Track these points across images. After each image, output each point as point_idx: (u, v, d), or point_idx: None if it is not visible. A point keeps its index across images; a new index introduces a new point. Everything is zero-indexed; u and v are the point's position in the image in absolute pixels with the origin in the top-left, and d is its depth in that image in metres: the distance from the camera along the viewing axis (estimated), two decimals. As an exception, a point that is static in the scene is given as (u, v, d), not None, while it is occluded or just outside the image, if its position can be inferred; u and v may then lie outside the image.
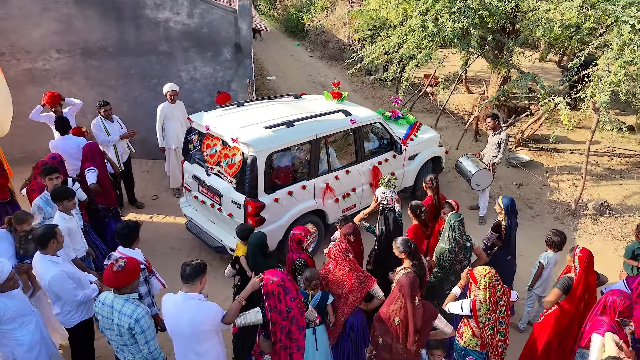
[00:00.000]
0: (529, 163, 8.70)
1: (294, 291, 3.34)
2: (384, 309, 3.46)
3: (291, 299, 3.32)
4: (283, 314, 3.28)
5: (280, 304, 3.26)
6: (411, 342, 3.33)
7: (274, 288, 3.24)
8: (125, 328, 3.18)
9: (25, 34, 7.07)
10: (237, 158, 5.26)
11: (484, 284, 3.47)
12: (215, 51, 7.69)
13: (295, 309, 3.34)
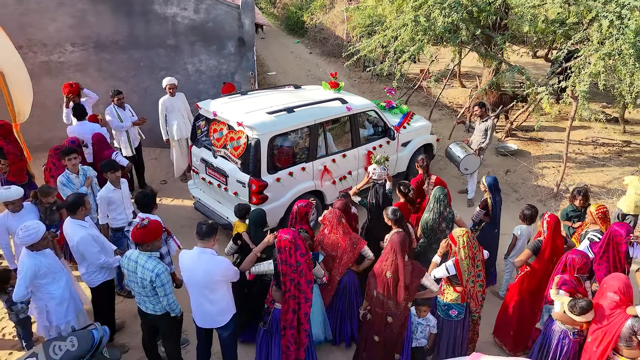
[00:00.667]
0: (516, 152, 9.18)
1: (303, 249, 3.80)
2: (378, 264, 3.93)
3: (301, 254, 3.78)
4: (293, 267, 3.74)
5: (290, 258, 3.72)
6: (401, 296, 3.79)
7: (286, 244, 3.70)
8: (148, 281, 3.65)
9: (42, 28, 7.53)
10: (242, 141, 5.73)
11: (463, 243, 3.94)
12: (219, 45, 8.15)
13: (304, 264, 3.80)
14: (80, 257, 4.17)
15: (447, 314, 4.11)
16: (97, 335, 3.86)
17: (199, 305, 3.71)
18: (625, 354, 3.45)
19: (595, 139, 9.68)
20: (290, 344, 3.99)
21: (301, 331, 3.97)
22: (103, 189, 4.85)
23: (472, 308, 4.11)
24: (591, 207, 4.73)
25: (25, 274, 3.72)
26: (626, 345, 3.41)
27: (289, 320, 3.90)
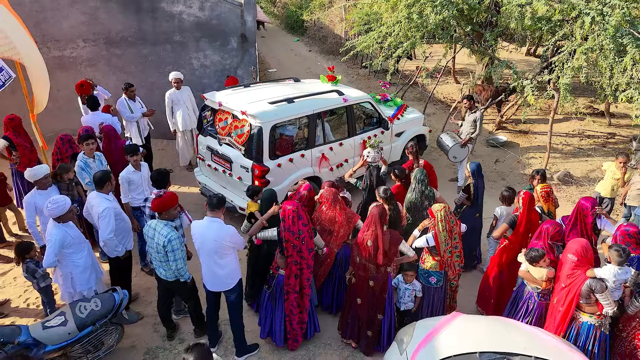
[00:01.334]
0: (506, 143, 9.63)
1: (305, 219, 4.24)
2: (360, 234, 4.38)
3: (303, 224, 4.22)
4: (295, 234, 4.18)
5: (293, 226, 4.16)
6: (381, 260, 4.24)
7: (289, 214, 4.15)
8: (161, 246, 4.10)
9: (55, 24, 7.97)
10: (246, 129, 6.17)
11: (440, 217, 4.39)
12: (223, 41, 8.60)
13: (306, 233, 4.24)
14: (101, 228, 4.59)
15: (427, 281, 4.56)
16: (117, 298, 4.32)
17: (209, 269, 4.16)
18: (587, 311, 3.90)
19: (582, 132, 10.13)
20: (293, 308, 4.44)
21: (304, 295, 4.43)
22: (124, 171, 5.28)
23: (449, 276, 4.56)
24: (537, 187, 5.17)
25: (54, 243, 4.15)
26: (586, 303, 3.86)
27: (292, 284, 4.35)
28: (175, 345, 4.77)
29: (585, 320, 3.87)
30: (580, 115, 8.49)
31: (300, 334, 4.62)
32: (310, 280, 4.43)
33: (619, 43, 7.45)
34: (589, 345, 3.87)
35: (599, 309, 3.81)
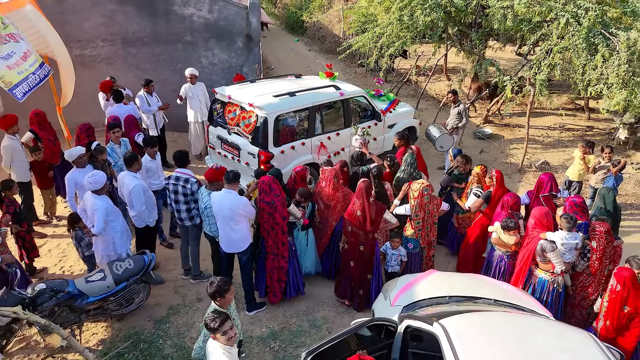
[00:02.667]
0: (491, 135, 10.39)
1: (277, 190, 4.99)
2: (350, 207, 5.15)
3: (275, 195, 4.97)
4: (269, 204, 4.96)
5: (267, 197, 4.94)
6: (368, 227, 5.00)
7: (263, 187, 4.93)
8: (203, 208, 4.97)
9: (77, 26, 8.70)
10: (253, 119, 6.92)
11: (416, 193, 5.15)
12: (230, 40, 9.35)
13: (278, 203, 4.98)
14: (131, 202, 5.35)
15: (405, 246, 5.35)
16: (147, 259, 5.08)
17: (225, 233, 4.92)
18: (542, 268, 4.66)
19: (562, 125, 10.90)
20: (273, 267, 5.22)
21: (280, 257, 5.19)
22: (142, 160, 5.98)
23: (422, 244, 5.31)
24: (476, 168, 5.91)
25: (102, 213, 4.87)
26: (542, 261, 4.62)
27: (270, 246, 5.13)
28: (194, 303, 5.53)
29: (541, 277, 4.63)
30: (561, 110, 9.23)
31: (279, 291, 5.38)
32: (285, 245, 5.18)
33: (591, 43, 8.21)
34: (544, 296, 4.62)
35: (552, 267, 4.57)
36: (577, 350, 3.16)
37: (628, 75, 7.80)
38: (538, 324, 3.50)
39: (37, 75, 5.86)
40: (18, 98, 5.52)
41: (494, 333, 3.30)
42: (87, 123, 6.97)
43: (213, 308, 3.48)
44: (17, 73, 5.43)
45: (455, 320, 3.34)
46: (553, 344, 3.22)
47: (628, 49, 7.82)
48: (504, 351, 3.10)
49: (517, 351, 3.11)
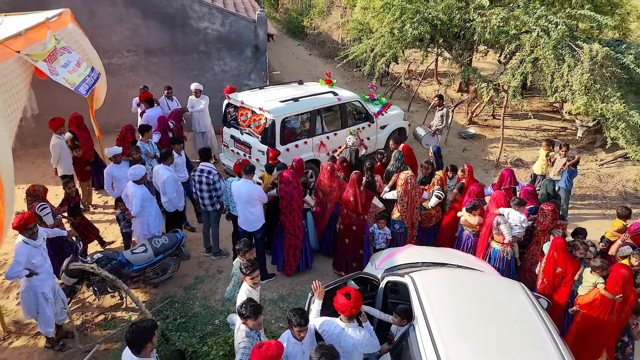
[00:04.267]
0: (474, 135, 11.53)
1: (294, 183, 6.12)
2: (345, 193, 6.29)
3: (293, 187, 6.11)
4: (287, 194, 6.09)
5: (286, 187, 6.07)
6: (359, 210, 6.15)
7: (283, 179, 6.06)
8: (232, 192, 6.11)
9: (105, 38, 9.82)
10: (262, 121, 8.05)
11: (402, 181, 6.28)
12: (239, 50, 10.48)
13: (295, 193, 6.12)
14: (164, 190, 6.48)
15: (393, 227, 6.47)
16: (179, 236, 6.23)
17: (243, 214, 6.07)
18: (496, 240, 5.80)
19: (539, 126, 12.04)
20: (289, 245, 6.35)
21: (296, 237, 6.33)
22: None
23: (406, 225, 6.44)
24: (439, 173, 7.01)
25: (139, 198, 6.00)
26: (495, 234, 5.76)
27: (288, 228, 6.27)
28: (216, 274, 6.67)
29: (494, 247, 5.78)
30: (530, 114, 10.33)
31: (294, 265, 6.53)
32: (300, 227, 6.32)
33: (558, 53, 9.33)
34: (497, 264, 5.76)
35: (503, 239, 5.71)
36: (510, 295, 4.29)
37: (590, 82, 8.92)
38: (483, 277, 4.64)
39: (91, 77, 7.08)
40: (83, 94, 6.80)
41: (449, 282, 4.43)
42: (131, 124, 8.07)
43: (238, 263, 4.61)
44: (77, 76, 6.59)
45: (420, 273, 4.47)
46: (493, 289, 4.36)
47: (590, 60, 8.93)
48: (455, 294, 4.23)
49: (465, 294, 4.24)
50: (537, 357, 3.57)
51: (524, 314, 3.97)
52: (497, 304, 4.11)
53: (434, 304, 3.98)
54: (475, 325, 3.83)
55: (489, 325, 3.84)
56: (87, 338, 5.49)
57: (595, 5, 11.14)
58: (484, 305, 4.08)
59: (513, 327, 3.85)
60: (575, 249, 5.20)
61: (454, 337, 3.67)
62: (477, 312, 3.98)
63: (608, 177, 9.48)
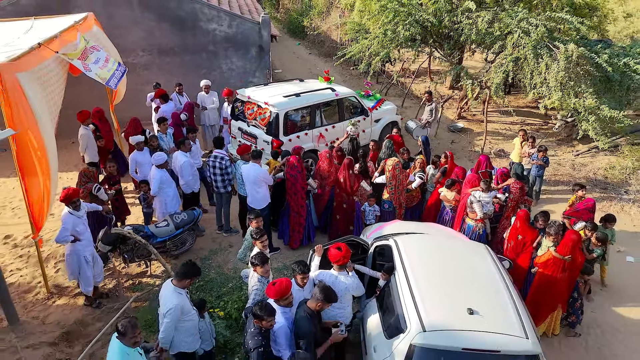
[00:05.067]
0: (463, 129, 12.42)
1: (299, 168, 7.02)
2: (339, 175, 7.18)
3: (297, 171, 7.01)
4: (293, 177, 6.99)
5: (292, 171, 6.97)
6: (349, 190, 7.05)
7: (289, 164, 6.96)
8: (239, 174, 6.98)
9: (122, 38, 10.69)
10: (267, 114, 8.94)
11: (389, 167, 7.18)
12: (245, 50, 11.36)
13: (299, 177, 7.02)
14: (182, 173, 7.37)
15: (383, 206, 7.37)
16: (196, 213, 7.13)
17: (251, 194, 6.96)
18: (470, 216, 6.70)
19: (523, 121, 12.93)
20: (294, 222, 7.26)
21: (300, 215, 7.23)
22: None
23: (394, 205, 7.33)
24: (418, 158, 7.91)
25: (157, 180, 6.90)
26: (470, 211, 6.66)
27: (293, 207, 7.17)
28: (227, 248, 7.57)
29: (468, 223, 6.67)
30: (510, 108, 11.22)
31: (298, 239, 7.43)
32: (303, 207, 7.22)
33: (537, 53, 10.22)
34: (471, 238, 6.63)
35: (476, 216, 6.60)
36: (475, 254, 5.18)
37: (565, 79, 9.80)
38: (454, 240, 5.55)
39: (119, 70, 8.00)
40: (112, 87, 7.74)
41: (424, 243, 5.34)
42: (137, 117, 8.95)
43: (250, 231, 5.51)
44: (107, 71, 7.49)
45: (402, 237, 5.37)
46: (461, 249, 5.27)
47: (566, 59, 9.81)
48: (429, 252, 5.12)
49: (437, 252, 5.14)
50: (492, 299, 4.46)
51: (485, 268, 4.87)
52: (463, 260, 5.02)
53: (411, 259, 4.88)
54: (444, 276, 4.73)
55: (455, 276, 4.74)
56: (118, 298, 6.39)
57: (574, 8, 12.06)
58: (452, 261, 4.98)
59: (475, 277, 4.75)
60: (536, 220, 6.09)
61: (425, 284, 4.56)
62: (446, 266, 4.89)
63: (581, 165, 10.39)
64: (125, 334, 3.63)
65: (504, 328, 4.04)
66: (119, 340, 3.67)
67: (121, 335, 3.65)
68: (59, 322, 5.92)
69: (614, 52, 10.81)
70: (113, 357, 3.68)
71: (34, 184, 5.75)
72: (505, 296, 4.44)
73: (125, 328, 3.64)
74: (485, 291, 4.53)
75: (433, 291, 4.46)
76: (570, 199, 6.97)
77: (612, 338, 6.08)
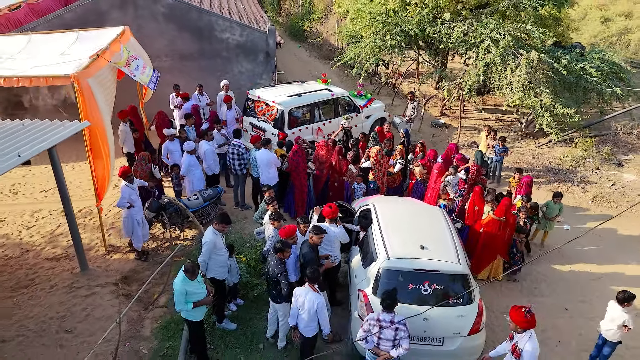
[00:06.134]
0: (443, 125, 14.20)
1: (300, 153, 8.80)
2: (333, 160, 8.97)
3: (299, 156, 8.79)
4: (295, 160, 8.78)
5: (294, 157, 8.76)
6: (340, 173, 8.85)
7: (292, 151, 8.75)
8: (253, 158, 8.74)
9: (149, 46, 12.40)
10: (274, 111, 10.72)
11: (373, 154, 8.96)
12: (254, 56, 13.14)
13: (301, 161, 8.81)
14: (205, 158, 9.16)
15: (369, 186, 9.16)
16: (219, 190, 8.94)
17: (264, 174, 8.76)
18: (442, 197, 8.48)
19: (497, 117, 14.72)
20: (299, 199, 9.06)
21: (303, 192, 9.02)
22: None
23: (378, 184, 9.11)
24: (399, 147, 9.71)
25: (186, 162, 8.70)
26: (442, 194, 8.44)
27: (297, 185, 8.97)
28: (242, 219, 9.36)
29: (441, 203, 8.44)
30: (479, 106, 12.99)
31: (302, 211, 9.20)
32: (304, 186, 9.00)
33: (505, 59, 12.00)
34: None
35: (447, 196, 8.38)
36: (432, 214, 6.97)
37: (526, 82, 11.59)
38: (417, 204, 7.37)
39: (154, 75, 9.77)
40: (152, 88, 9.67)
41: (394, 205, 7.16)
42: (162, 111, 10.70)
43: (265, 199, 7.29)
44: (146, 76, 9.27)
45: (378, 201, 7.18)
46: (421, 210, 7.08)
47: (528, 64, 11.60)
48: (396, 211, 6.92)
49: (403, 212, 6.94)
50: (438, 241, 6.23)
51: (436, 222, 6.68)
52: (421, 217, 6.85)
53: (384, 214, 6.68)
54: (406, 226, 6.53)
55: (414, 226, 6.54)
56: (160, 254, 8.19)
57: (540, 19, 13.83)
58: (413, 217, 6.81)
59: (429, 228, 6.55)
60: (487, 194, 7.87)
61: (392, 230, 6.35)
62: (408, 220, 6.70)
63: (540, 155, 12.18)
64: (188, 270, 5.40)
65: (444, 257, 5.83)
66: (184, 274, 5.44)
67: (186, 271, 5.42)
68: (117, 270, 7.72)
69: (573, 58, 12.60)
70: (178, 283, 5.44)
71: (99, 165, 7.54)
72: (449, 240, 6.24)
73: (190, 267, 5.42)
74: (435, 236, 6.33)
75: (397, 235, 6.25)
76: (510, 180, 8.81)
77: (542, 283, 7.88)
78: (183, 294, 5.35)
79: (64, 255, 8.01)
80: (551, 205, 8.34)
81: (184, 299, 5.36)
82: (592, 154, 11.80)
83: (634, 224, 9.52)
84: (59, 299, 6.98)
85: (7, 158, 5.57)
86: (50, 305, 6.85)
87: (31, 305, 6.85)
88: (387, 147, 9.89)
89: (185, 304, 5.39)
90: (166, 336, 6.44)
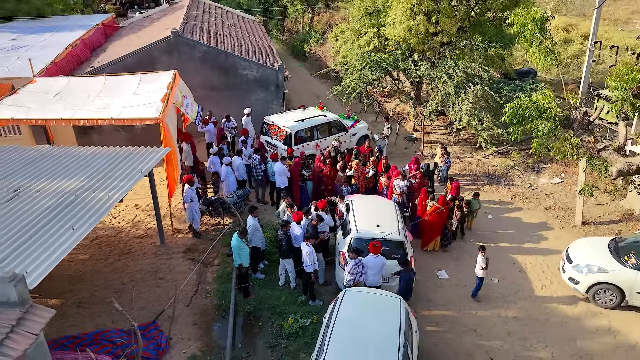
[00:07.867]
0: (415, 139, 18.14)
1: (299, 162, 12.73)
2: (325, 169, 12.91)
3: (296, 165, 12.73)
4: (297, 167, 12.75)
5: (295, 167, 12.70)
6: (330, 176, 12.79)
7: (295, 161, 12.71)
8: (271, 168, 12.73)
9: (188, 81, 16.29)
10: (284, 132, 14.68)
11: (354, 165, 12.90)
12: (267, 87, 17.08)
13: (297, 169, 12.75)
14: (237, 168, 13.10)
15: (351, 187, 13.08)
16: (247, 190, 12.94)
17: (278, 179, 12.70)
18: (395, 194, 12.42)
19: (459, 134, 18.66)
20: (299, 196, 13.01)
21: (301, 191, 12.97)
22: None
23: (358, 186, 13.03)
24: (373, 157, 13.64)
25: (224, 171, 12.65)
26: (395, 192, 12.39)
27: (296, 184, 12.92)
28: (263, 211, 13.27)
29: (394, 197, 12.35)
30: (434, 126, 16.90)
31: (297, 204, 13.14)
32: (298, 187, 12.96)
33: (458, 91, 15.92)
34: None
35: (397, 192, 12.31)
36: (387, 205, 10.95)
37: (472, 110, 15.52)
38: (379, 199, 11.35)
39: (199, 111, 13.72)
40: (196, 123, 13.46)
41: (364, 201, 11.11)
42: None
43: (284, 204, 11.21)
44: (193, 113, 13.21)
45: (355, 198, 11.14)
46: (381, 203, 11.05)
47: (474, 95, 15.52)
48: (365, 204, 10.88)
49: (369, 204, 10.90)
50: (389, 221, 10.17)
51: (388, 209, 10.65)
52: (380, 207, 10.84)
53: (357, 207, 10.66)
54: (370, 213, 10.48)
55: (374, 213, 10.50)
56: (208, 234, 12.14)
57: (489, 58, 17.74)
58: (374, 207, 10.82)
59: (384, 213, 10.50)
60: (430, 193, 11.77)
61: (361, 215, 10.31)
62: (372, 210, 10.67)
63: (483, 164, 16.12)
64: (242, 232, 9.40)
65: (390, 230, 9.77)
66: (238, 235, 9.38)
67: (240, 233, 9.39)
68: (183, 244, 11.67)
69: (512, 89, 16.54)
70: (234, 242, 9.39)
71: (172, 172, 11.49)
72: (395, 221, 10.21)
73: (242, 230, 9.41)
74: (387, 219, 10.29)
75: (364, 218, 10.22)
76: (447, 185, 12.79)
77: (465, 252, 11.83)
78: (237, 247, 9.32)
79: (145, 235, 11.98)
80: (473, 201, 12.27)
81: (238, 251, 9.34)
82: (520, 163, 15.73)
83: (536, 214, 13.45)
84: (150, 261, 10.94)
85: (133, 174, 9.48)
86: (146, 264, 10.81)
87: (134, 264, 10.81)
88: (364, 160, 13.87)
89: (239, 256, 9.36)
90: (222, 281, 10.40)
